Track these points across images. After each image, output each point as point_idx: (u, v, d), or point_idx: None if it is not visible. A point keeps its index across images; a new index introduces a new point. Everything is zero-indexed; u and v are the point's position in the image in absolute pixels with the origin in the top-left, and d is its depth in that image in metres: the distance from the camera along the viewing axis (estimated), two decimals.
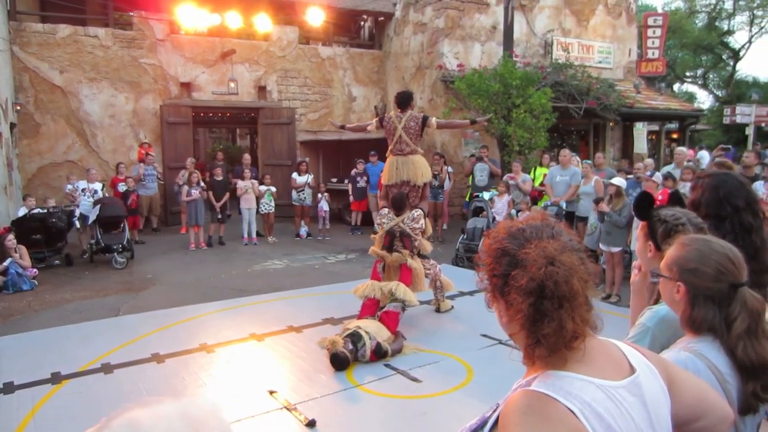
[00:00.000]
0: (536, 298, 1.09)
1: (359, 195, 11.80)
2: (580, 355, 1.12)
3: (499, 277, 1.15)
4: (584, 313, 1.11)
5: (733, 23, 30.61)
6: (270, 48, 13.95)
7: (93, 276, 8.52)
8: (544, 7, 14.41)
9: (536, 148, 11.42)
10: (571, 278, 1.09)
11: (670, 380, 1.22)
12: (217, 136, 25.77)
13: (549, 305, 1.09)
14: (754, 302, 1.50)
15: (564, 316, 1.08)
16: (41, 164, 12.16)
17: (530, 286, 1.09)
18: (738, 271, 1.51)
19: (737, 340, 1.47)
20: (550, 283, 1.08)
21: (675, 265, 1.58)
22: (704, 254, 1.53)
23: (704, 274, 1.52)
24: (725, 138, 25.85)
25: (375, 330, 4.85)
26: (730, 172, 3.01)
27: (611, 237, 7.03)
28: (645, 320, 1.88)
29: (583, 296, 1.11)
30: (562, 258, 1.10)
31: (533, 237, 1.15)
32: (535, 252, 1.11)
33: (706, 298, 1.52)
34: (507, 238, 1.17)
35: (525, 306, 1.10)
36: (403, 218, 5.70)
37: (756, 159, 8.47)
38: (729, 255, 1.53)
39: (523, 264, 1.11)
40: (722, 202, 2.24)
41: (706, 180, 2.38)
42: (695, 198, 2.34)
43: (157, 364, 4.91)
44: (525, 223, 1.20)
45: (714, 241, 1.58)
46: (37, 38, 11.96)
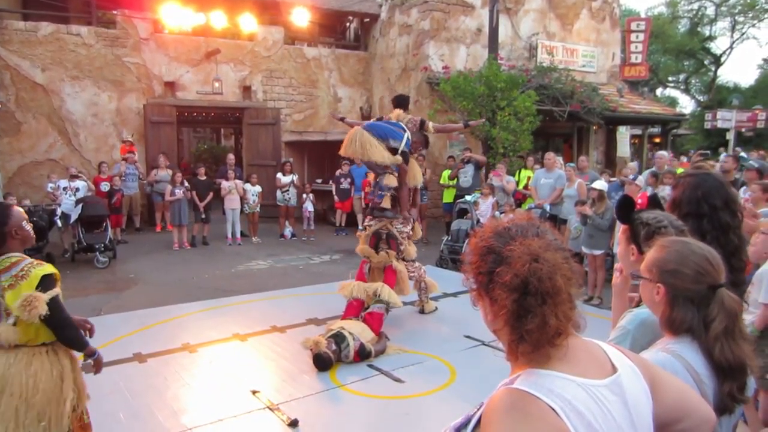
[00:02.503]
0: (520, 294, 1.11)
1: (343, 196, 11.81)
2: (562, 353, 1.13)
3: (485, 275, 1.17)
4: (567, 311, 1.13)
5: (715, 29, 31.19)
6: (255, 48, 13.90)
7: (74, 275, 8.41)
8: (529, 10, 14.54)
9: (521, 150, 11.51)
10: (554, 275, 1.11)
11: (653, 382, 1.24)
12: (202, 136, 25.58)
13: (532, 301, 1.10)
14: (731, 303, 1.52)
15: (547, 312, 1.10)
16: (22, 163, 12.00)
17: (514, 282, 1.11)
18: (716, 272, 1.54)
19: (715, 340, 1.49)
20: (533, 279, 1.10)
21: (655, 266, 1.60)
22: (683, 256, 1.56)
23: (683, 276, 1.54)
24: (706, 142, 26.30)
25: (359, 331, 4.85)
26: (711, 172, 3.07)
27: (594, 240, 7.11)
28: (625, 323, 1.90)
29: (566, 293, 1.12)
30: (546, 255, 1.12)
31: (518, 235, 1.17)
32: (520, 249, 1.13)
33: (686, 299, 1.54)
34: (493, 237, 1.19)
35: (509, 302, 1.12)
36: (391, 220, 5.71)
37: (734, 164, 8.62)
38: (708, 256, 1.55)
39: (507, 261, 1.13)
40: (700, 201, 2.29)
41: (687, 179, 2.43)
42: (676, 196, 2.38)
43: (138, 363, 4.86)
44: (511, 222, 1.22)
45: (693, 243, 1.61)
46: (18, 36, 11.80)
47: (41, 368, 2.58)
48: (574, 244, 7.62)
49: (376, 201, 5.76)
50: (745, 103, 24.20)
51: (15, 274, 2.53)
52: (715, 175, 2.55)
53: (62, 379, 2.65)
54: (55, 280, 2.60)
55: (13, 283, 2.51)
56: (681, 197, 2.36)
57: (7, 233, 2.60)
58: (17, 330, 2.54)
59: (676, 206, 2.35)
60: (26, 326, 2.53)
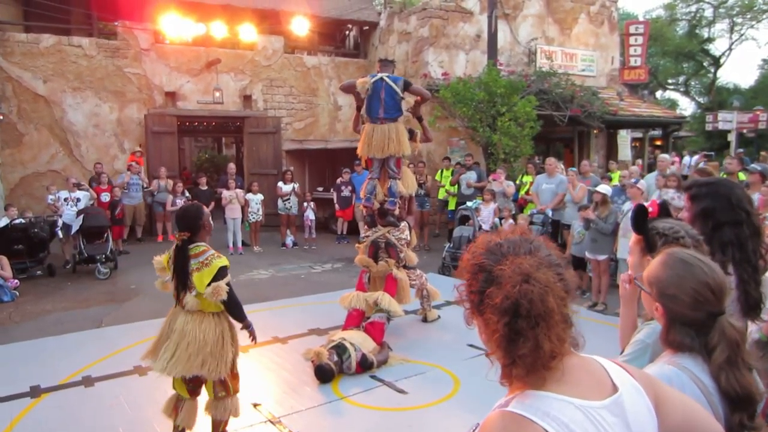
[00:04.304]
0: (511, 318, 1.07)
1: (344, 204, 11.79)
2: (559, 375, 1.10)
3: (477, 294, 1.14)
4: (561, 332, 1.09)
5: (714, 31, 31.21)
6: (255, 57, 13.93)
7: (75, 287, 8.40)
8: (527, 15, 14.55)
9: (521, 155, 11.49)
10: (546, 296, 1.07)
11: (658, 399, 1.20)
12: (203, 145, 25.64)
13: (524, 324, 1.06)
14: (732, 333, 1.47)
15: (540, 335, 1.06)
16: (24, 174, 12.02)
17: (505, 305, 1.07)
18: (717, 299, 1.48)
19: (719, 370, 1.45)
20: (524, 301, 1.06)
21: (655, 285, 1.56)
22: (683, 280, 1.50)
23: (681, 302, 1.49)
24: (708, 144, 26.27)
25: (360, 341, 4.82)
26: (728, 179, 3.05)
27: (597, 245, 7.07)
28: (643, 336, 1.87)
29: (559, 314, 1.08)
30: (538, 275, 1.08)
31: (510, 252, 1.13)
32: (510, 269, 1.09)
33: (683, 323, 1.50)
34: (484, 254, 1.15)
35: (500, 326, 1.08)
36: (389, 229, 5.69)
37: (739, 166, 8.58)
38: (710, 283, 1.48)
39: (498, 281, 1.09)
40: (735, 209, 2.27)
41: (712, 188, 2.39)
42: (706, 206, 2.33)
43: (139, 376, 4.84)
44: (503, 237, 1.18)
45: (697, 265, 1.52)
46: (20, 48, 11.85)
47: (209, 328, 3.39)
48: (578, 248, 7.58)
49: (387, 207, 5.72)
50: (746, 104, 24.17)
51: (201, 261, 3.32)
52: (732, 181, 2.55)
53: (223, 337, 3.43)
54: (227, 270, 3.36)
55: (199, 268, 3.30)
56: (713, 206, 2.31)
57: (201, 225, 3.40)
58: (198, 301, 3.35)
59: (708, 216, 2.31)
60: (204, 300, 3.33)
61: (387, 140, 5.51)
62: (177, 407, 3.62)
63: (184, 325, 3.37)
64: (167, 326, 3.49)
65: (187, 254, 3.35)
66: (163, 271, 3.60)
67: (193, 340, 3.34)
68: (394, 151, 5.58)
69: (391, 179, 5.75)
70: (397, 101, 5.57)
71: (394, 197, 5.73)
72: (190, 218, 3.41)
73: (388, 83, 5.53)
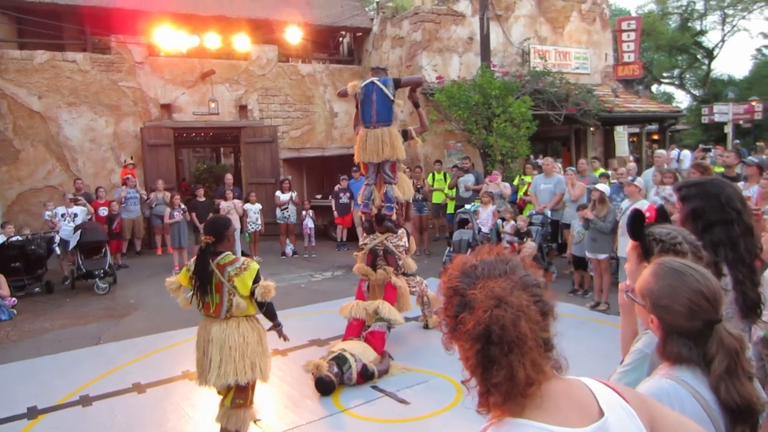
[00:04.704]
0: (483, 344, 1.03)
1: (343, 211, 11.76)
2: (538, 401, 1.05)
3: (452, 318, 1.10)
4: (538, 358, 1.04)
5: (706, 23, 31.24)
6: (249, 67, 13.93)
7: (74, 303, 8.36)
8: (519, 16, 14.55)
9: (518, 156, 11.46)
10: (518, 321, 1.02)
11: (653, 421, 1.15)
12: (202, 156, 25.62)
13: (497, 351, 1.02)
14: (731, 341, 1.43)
15: (514, 362, 1.02)
16: (21, 190, 11.99)
17: (477, 331, 1.03)
18: (713, 307, 1.44)
19: (718, 380, 1.41)
20: (496, 327, 1.02)
21: (648, 297, 1.52)
22: (676, 290, 1.46)
23: (676, 312, 1.45)
24: (705, 137, 26.24)
25: (360, 351, 4.78)
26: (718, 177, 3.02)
27: (597, 244, 7.03)
28: (642, 346, 1.83)
29: (533, 340, 1.04)
30: (510, 299, 1.04)
31: (484, 275, 1.09)
32: (482, 293, 1.05)
33: (680, 334, 1.46)
34: (459, 276, 1.12)
35: (472, 353, 1.05)
36: (387, 236, 5.65)
37: (736, 159, 8.55)
38: (704, 291, 1.45)
39: (470, 306, 1.06)
40: (725, 207, 2.24)
41: (701, 187, 2.37)
42: (695, 207, 2.31)
43: (138, 394, 4.80)
44: (480, 259, 1.14)
45: (690, 273, 1.49)
46: (14, 65, 11.85)
47: (247, 331, 3.56)
48: (578, 248, 7.55)
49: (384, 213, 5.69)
50: (741, 95, 24.16)
51: (239, 266, 3.55)
52: (723, 180, 2.51)
53: (260, 338, 3.63)
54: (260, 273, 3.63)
55: (238, 273, 3.51)
56: (702, 206, 2.29)
57: (226, 235, 3.65)
58: (246, 303, 3.54)
59: (698, 216, 2.28)
60: (250, 302, 3.55)
61: (381, 144, 5.50)
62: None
63: (221, 333, 3.50)
64: (201, 340, 3.60)
65: (209, 257, 3.53)
66: (179, 291, 3.72)
67: (234, 344, 3.47)
68: (389, 155, 5.56)
69: (387, 184, 5.73)
70: (389, 105, 5.56)
71: (390, 202, 5.70)
72: (218, 225, 3.67)
73: (379, 86, 5.53)
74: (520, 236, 8.72)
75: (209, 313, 3.57)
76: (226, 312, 3.53)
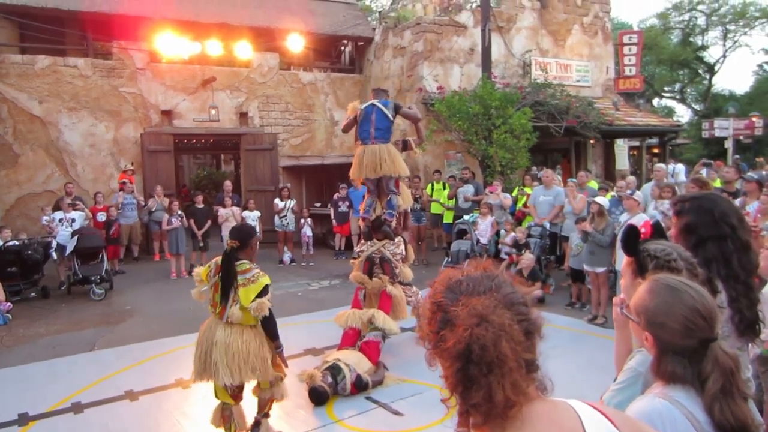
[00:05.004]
0: (463, 363, 1.01)
1: (341, 219, 11.74)
2: (518, 424, 1.02)
3: (435, 334, 1.08)
4: (518, 380, 1.01)
5: (707, 38, 31.39)
6: (251, 74, 13.96)
7: (69, 308, 8.32)
8: (521, 28, 14.61)
9: (518, 168, 11.46)
10: (499, 341, 0.99)
11: None
12: (202, 162, 25.66)
13: (476, 371, 0.99)
14: (726, 360, 1.40)
15: (493, 384, 0.99)
16: (20, 195, 11.99)
17: (457, 350, 1.01)
18: (709, 325, 1.42)
19: (713, 400, 1.38)
20: (476, 347, 0.99)
21: (643, 314, 1.50)
22: (671, 307, 1.44)
23: (671, 330, 1.43)
24: (705, 151, 26.28)
25: (355, 361, 4.74)
26: (713, 192, 3.00)
27: (595, 257, 7.00)
28: (635, 364, 1.81)
29: (515, 360, 1.00)
30: (492, 317, 1.01)
31: (468, 291, 1.06)
32: (464, 310, 1.02)
33: (675, 352, 1.43)
34: (444, 291, 1.09)
35: (452, 371, 1.02)
36: (384, 244, 5.62)
37: (736, 174, 8.53)
38: (699, 308, 1.43)
39: (452, 323, 1.03)
40: (719, 223, 2.22)
41: (696, 202, 2.35)
42: (689, 221, 2.29)
43: (130, 402, 4.76)
44: (466, 274, 1.12)
45: (685, 290, 1.47)
46: (16, 69, 11.89)
47: (249, 338, 3.67)
48: (576, 261, 7.52)
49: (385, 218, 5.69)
50: (742, 110, 24.22)
51: (248, 278, 3.62)
52: (719, 194, 2.49)
53: (262, 345, 3.72)
54: (268, 289, 3.69)
55: (245, 284, 3.59)
56: (696, 222, 2.27)
57: (250, 243, 3.78)
58: (242, 315, 3.60)
59: (691, 231, 2.26)
60: (246, 313, 3.60)
61: (379, 160, 5.50)
62: (225, 415, 3.81)
63: (226, 337, 3.61)
64: (205, 338, 3.69)
65: (234, 261, 3.65)
66: (201, 282, 3.81)
67: (237, 350, 3.59)
68: (389, 171, 5.56)
69: (392, 195, 5.76)
70: (387, 124, 5.62)
71: (393, 209, 5.70)
72: (244, 232, 3.86)
73: (379, 107, 5.58)
74: (519, 248, 8.70)
75: (216, 312, 3.69)
76: (227, 318, 3.62)
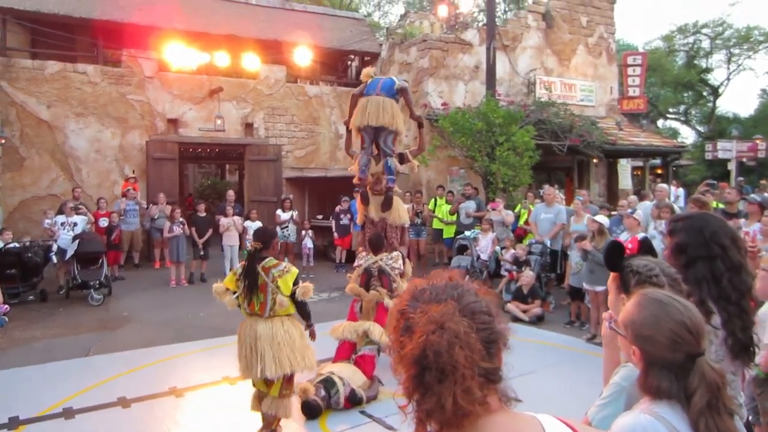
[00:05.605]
0: (418, 370, 1.00)
1: (342, 232, 11.74)
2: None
3: (397, 341, 1.08)
4: (473, 388, 0.99)
5: (711, 61, 31.51)
6: (257, 86, 14.07)
7: (67, 313, 8.32)
8: (526, 47, 14.70)
9: (520, 185, 11.47)
10: (453, 347, 0.98)
11: None
12: (207, 172, 25.79)
13: (430, 378, 0.99)
14: (713, 375, 1.39)
15: (444, 392, 0.98)
16: (24, 198, 12.04)
17: (413, 355, 1.01)
18: (696, 340, 1.42)
19: (699, 415, 1.37)
20: (430, 352, 0.99)
21: (630, 327, 1.49)
22: (659, 320, 1.44)
23: (658, 344, 1.42)
24: (709, 173, 26.27)
25: (349, 375, 4.71)
26: (707, 212, 3.00)
27: (595, 276, 6.98)
28: (619, 379, 1.80)
29: (469, 369, 0.99)
30: (449, 324, 1.00)
31: (430, 299, 1.06)
32: (423, 317, 1.02)
33: (662, 367, 1.43)
34: (408, 300, 1.09)
35: (408, 377, 1.02)
36: (381, 257, 5.60)
37: (738, 195, 8.52)
38: (686, 323, 1.43)
39: (411, 329, 1.03)
40: (709, 243, 2.21)
41: (687, 222, 2.35)
42: (680, 241, 2.29)
43: (122, 408, 4.73)
44: (431, 282, 1.12)
45: (672, 304, 1.47)
46: (25, 74, 12.02)
47: (290, 327, 4.00)
48: (576, 279, 7.50)
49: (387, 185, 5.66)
50: (745, 133, 24.22)
51: (282, 269, 3.96)
52: (713, 214, 2.49)
53: (302, 333, 4.07)
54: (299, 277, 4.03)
55: (281, 275, 3.93)
56: (686, 241, 2.26)
57: (272, 244, 4.16)
58: (288, 301, 3.92)
59: (682, 251, 2.26)
60: (290, 301, 3.94)
61: (381, 111, 5.48)
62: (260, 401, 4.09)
63: (268, 330, 3.89)
64: (246, 336, 3.96)
65: (257, 260, 3.95)
66: (225, 294, 4.09)
67: (282, 339, 3.88)
68: (389, 122, 5.51)
69: (388, 157, 5.67)
70: (393, 92, 5.64)
71: (392, 174, 5.64)
72: (266, 234, 4.20)
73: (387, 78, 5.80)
74: (519, 265, 8.68)
75: (254, 311, 3.95)
76: (270, 310, 3.91)
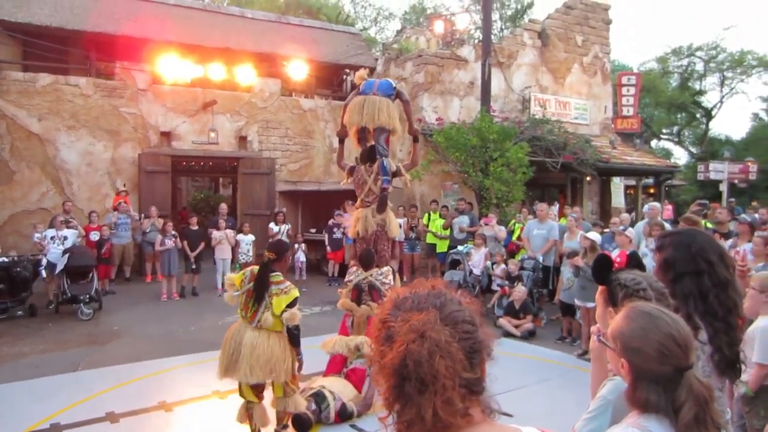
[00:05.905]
0: (398, 380, 0.98)
1: (335, 245, 11.71)
2: None
3: (379, 351, 1.06)
4: (454, 399, 0.97)
5: (705, 84, 31.93)
6: (252, 99, 14.09)
7: (56, 328, 8.19)
8: (521, 64, 14.86)
9: (514, 201, 11.50)
10: (433, 357, 0.96)
11: None
12: (200, 185, 25.70)
13: (410, 388, 0.96)
14: (700, 389, 1.39)
15: (424, 403, 0.95)
16: (13, 212, 11.91)
17: (393, 365, 0.98)
18: (684, 353, 1.41)
19: (686, 429, 1.36)
20: (410, 362, 0.96)
21: (619, 339, 1.49)
22: (647, 333, 1.43)
23: (647, 356, 1.41)
24: (701, 193, 26.47)
25: (340, 389, 4.66)
26: (695, 229, 3.02)
27: (586, 292, 6.97)
28: (606, 392, 1.80)
29: (450, 379, 0.96)
30: (430, 333, 0.98)
31: (412, 307, 1.04)
32: (404, 326, 1.00)
33: (650, 380, 1.41)
34: (390, 309, 1.07)
35: (387, 387, 0.99)
36: (372, 272, 5.56)
37: (729, 215, 8.58)
38: (675, 335, 1.42)
39: (392, 338, 1.01)
40: (696, 258, 2.21)
41: (675, 238, 2.36)
42: (667, 257, 2.29)
43: (110, 424, 4.65)
44: (413, 291, 1.10)
45: (661, 317, 1.47)
46: (17, 86, 11.96)
47: (275, 342, 4.06)
48: (567, 295, 7.49)
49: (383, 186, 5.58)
50: (737, 155, 24.50)
51: (281, 289, 4.02)
52: (700, 230, 2.50)
53: (284, 349, 4.11)
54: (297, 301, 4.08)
55: (278, 293, 3.99)
56: (674, 257, 2.27)
57: (284, 257, 4.22)
58: (273, 321, 4.00)
59: (669, 267, 2.26)
60: (277, 321, 4.01)
61: (378, 111, 5.39)
62: (249, 412, 4.22)
63: (253, 340, 3.99)
64: (233, 341, 4.07)
65: (269, 271, 4.04)
66: (233, 287, 4.19)
67: (262, 352, 3.97)
68: (385, 122, 5.43)
69: (383, 157, 5.59)
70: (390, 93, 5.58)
71: (387, 175, 5.55)
72: (281, 246, 4.33)
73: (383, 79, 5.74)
74: (511, 280, 8.67)
75: (246, 316, 4.06)
76: (258, 321, 3.99)
